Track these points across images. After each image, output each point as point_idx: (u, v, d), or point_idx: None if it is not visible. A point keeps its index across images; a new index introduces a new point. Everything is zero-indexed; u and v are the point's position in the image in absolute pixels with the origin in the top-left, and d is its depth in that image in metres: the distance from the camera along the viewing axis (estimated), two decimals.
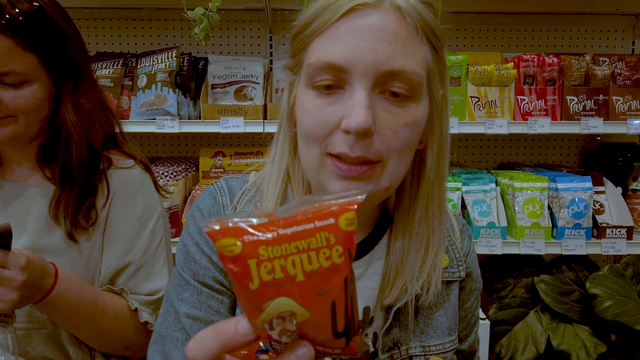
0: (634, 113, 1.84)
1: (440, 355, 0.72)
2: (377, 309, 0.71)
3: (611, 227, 1.77)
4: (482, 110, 1.82)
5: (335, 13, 0.58)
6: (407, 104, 0.60)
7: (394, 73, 0.57)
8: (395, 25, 0.58)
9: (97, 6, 2.09)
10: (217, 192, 0.75)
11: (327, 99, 0.60)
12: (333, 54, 0.58)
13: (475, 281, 0.80)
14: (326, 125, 0.59)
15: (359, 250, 0.71)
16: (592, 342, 1.63)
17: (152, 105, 1.77)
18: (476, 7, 2.08)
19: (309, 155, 0.63)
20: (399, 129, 0.59)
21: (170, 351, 0.69)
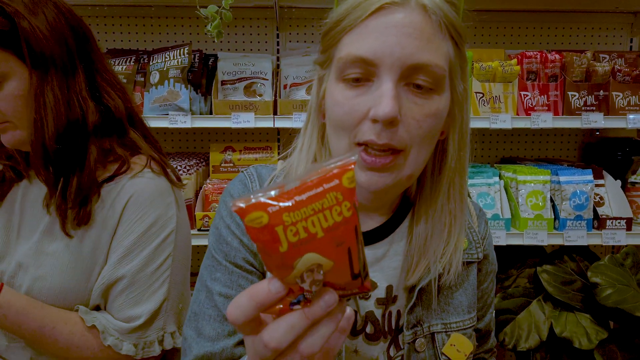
0: (632, 108, 1.89)
1: (460, 331, 0.77)
2: (401, 288, 0.76)
3: (611, 219, 1.83)
4: (487, 105, 1.87)
5: (365, 11, 0.63)
6: (431, 95, 0.65)
7: (418, 66, 0.62)
8: (421, 22, 0.63)
9: (108, 4, 2.12)
10: (247, 179, 0.79)
11: (356, 90, 0.64)
12: (363, 48, 0.62)
13: (491, 263, 0.85)
14: (355, 115, 0.64)
15: (381, 232, 0.76)
16: (593, 329, 1.69)
17: (164, 101, 1.80)
18: (481, 4, 2.13)
19: (339, 145, 0.67)
20: (422, 119, 0.64)
21: (203, 327, 0.73)
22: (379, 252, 0.76)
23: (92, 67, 0.95)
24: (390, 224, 0.76)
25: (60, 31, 0.89)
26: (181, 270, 0.97)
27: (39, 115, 0.87)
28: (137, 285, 0.91)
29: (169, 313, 0.94)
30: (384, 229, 0.76)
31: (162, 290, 0.93)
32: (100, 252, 0.92)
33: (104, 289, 0.91)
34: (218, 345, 0.72)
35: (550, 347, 1.76)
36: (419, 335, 0.75)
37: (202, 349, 0.72)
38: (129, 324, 0.89)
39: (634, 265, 1.82)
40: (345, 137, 0.66)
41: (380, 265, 0.75)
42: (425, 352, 0.76)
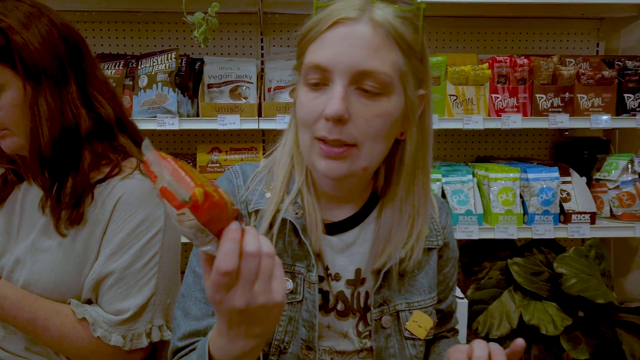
0: (596, 109, 2.02)
1: (422, 309, 0.87)
2: (369, 272, 0.85)
3: (576, 213, 1.95)
4: (460, 107, 1.98)
5: (324, 24, 0.73)
6: (379, 98, 0.73)
7: (365, 73, 0.71)
8: (370, 34, 0.71)
9: (97, 9, 2.19)
10: (232, 175, 0.88)
11: (316, 93, 0.74)
12: (320, 57, 0.72)
13: (452, 250, 0.95)
14: (313, 114, 0.74)
15: (352, 221, 0.85)
16: (559, 317, 1.80)
17: (153, 104, 1.88)
18: (455, 11, 2.24)
19: (303, 139, 0.77)
20: (371, 119, 0.73)
21: (189, 307, 0.82)
22: (349, 239, 0.85)
23: (84, 76, 1.00)
24: (360, 215, 0.86)
25: (52, 44, 0.94)
26: (169, 267, 1.01)
27: (34, 123, 0.93)
28: (125, 281, 0.95)
29: (157, 307, 0.98)
30: (354, 219, 0.85)
31: (149, 285, 0.97)
32: (92, 249, 0.97)
33: (94, 284, 0.95)
34: (202, 323, 0.80)
35: (520, 334, 1.87)
36: (385, 313, 0.85)
37: (189, 327, 0.81)
38: (117, 317, 0.94)
39: (597, 256, 1.94)
40: (308, 133, 0.75)
41: (351, 250, 0.85)
42: (391, 328, 0.85)
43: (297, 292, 0.82)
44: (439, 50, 2.36)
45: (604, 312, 1.86)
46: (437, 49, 2.36)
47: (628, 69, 2.05)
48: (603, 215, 2.05)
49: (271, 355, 0.82)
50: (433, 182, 1.96)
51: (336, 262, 0.84)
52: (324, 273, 0.84)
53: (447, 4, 1.95)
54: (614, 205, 2.01)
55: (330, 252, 0.84)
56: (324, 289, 0.84)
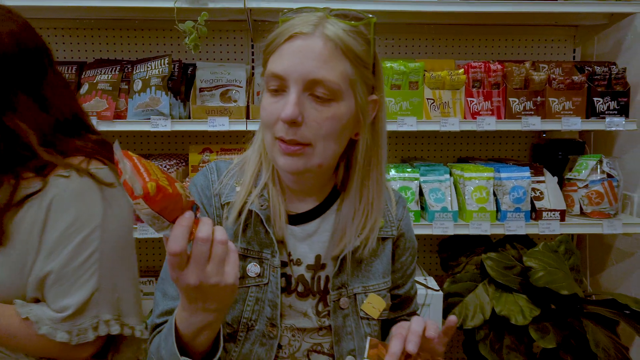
0: (567, 112, 2.13)
1: (376, 292, 0.98)
2: (329, 258, 0.96)
3: (547, 211, 2.06)
4: (437, 110, 2.09)
5: (282, 38, 0.84)
6: (329, 103, 0.83)
7: (316, 81, 0.82)
8: (320, 47, 0.82)
9: (95, 17, 2.31)
10: (207, 171, 1.00)
11: (275, 98, 0.85)
12: (278, 67, 0.83)
13: (409, 241, 1.05)
14: (272, 117, 0.84)
15: (313, 213, 0.96)
16: (527, 308, 1.91)
17: (147, 107, 2.00)
18: (433, 19, 2.36)
19: (266, 138, 0.88)
20: (322, 121, 0.83)
21: (167, 289, 0.93)
22: (311, 229, 0.96)
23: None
24: (321, 208, 0.97)
25: None
26: (113, 263, 1.01)
27: None
28: (65, 279, 0.96)
29: (102, 302, 1.00)
30: (315, 211, 0.96)
31: (91, 282, 0.98)
32: (32, 249, 0.98)
33: (37, 283, 0.97)
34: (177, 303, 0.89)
35: (492, 325, 1.97)
36: (343, 295, 0.96)
37: (166, 306, 0.92)
38: (60, 314, 0.96)
39: (567, 252, 2.05)
40: (269, 133, 0.86)
41: (312, 239, 0.96)
42: (348, 309, 0.96)
43: (263, 276, 0.93)
44: (418, 56, 2.48)
45: (572, 304, 1.97)
46: (416, 55, 2.48)
47: (597, 74, 2.16)
48: (574, 213, 2.16)
49: (240, 332, 0.93)
50: (411, 181, 2.07)
51: (298, 249, 0.95)
52: (287, 259, 0.95)
53: (426, 12, 2.06)
54: (584, 203, 2.12)
55: (293, 240, 0.95)
56: (287, 273, 0.95)
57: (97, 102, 2.00)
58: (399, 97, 2.06)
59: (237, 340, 0.93)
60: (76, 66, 2.14)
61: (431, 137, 2.55)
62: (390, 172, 2.12)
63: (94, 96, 2.01)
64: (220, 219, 0.95)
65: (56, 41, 2.37)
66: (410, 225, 1.08)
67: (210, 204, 0.96)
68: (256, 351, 0.93)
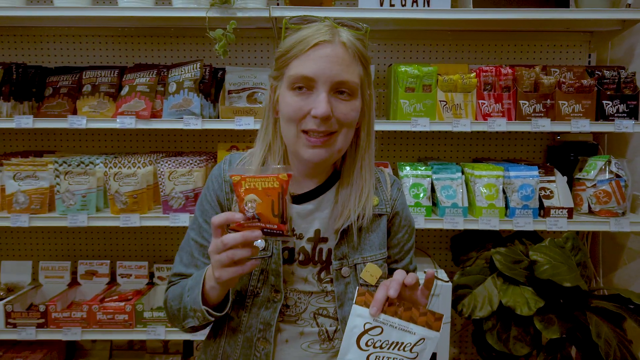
0: (576, 114, 2.21)
1: (373, 262, 1.12)
2: (330, 232, 1.10)
3: (554, 208, 2.15)
4: (449, 112, 2.21)
5: (307, 45, 0.99)
6: (350, 99, 1.02)
7: (341, 82, 0.99)
8: (342, 53, 0.99)
9: (135, 26, 2.53)
10: (222, 162, 1.18)
11: (302, 96, 1.00)
12: (306, 70, 0.98)
13: (403, 219, 1.19)
14: (300, 112, 1.00)
15: (316, 191, 1.11)
16: (533, 299, 2.00)
17: (180, 107, 2.19)
18: (447, 25, 2.48)
19: (289, 132, 1.03)
20: (347, 112, 1.01)
21: (182, 257, 1.15)
22: (312, 206, 1.11)
23: None
24: (324, 187, 1.12)
25: None
26: None
27: None
28: None
29: None
30: (319, 190, 1.12)
31: None
32: None
33: None
34: (188, 270, 1.13)
35: (500, 316, 2.07)
36: (344, 265, 1.10)
37: (179, 269, 1.15)
38: None
39: (574, 248, 2.13)
40: (293, 127, 1.02)
41: (313, 215, 1.11)
42: (349, 277, 1.11)
43: (267, 250, 1.09)
44: (432, 61, 2.60)
45: (577, 298, 2.05)
46: (432, 60, 2.60)
47: (606, 78, 2.23)
48: (582, 212, 2.24)
49: (247, 298, 1.10)
50: (423, 178, 2.20)
51: (301, 225, 1.11)
52: (291, 234, 1.10)
53: (441, 20, 2.18)
54: (592, 202, 2.20)
55: (296, 217, 1.11)
56: (290, 247, 1.10)
57: (136, 103, 2.20)
58: (413, 99, 2.19)
59: (245, 306, 1.10)
60: (118, 70, 2.35)
61: (447, 138, 2.66)
62: (404, 169, 2.25)
63: (133, 97, 2.22)
64: (230, 202, 1.12)
65: (100, 47, 2.60)
66: (405, 205, 1.22)
67: (221, 189, 1.13)
68: (262, 314, 1.09)
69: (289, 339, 1.10)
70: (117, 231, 2.70)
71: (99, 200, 2.22)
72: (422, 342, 0.93)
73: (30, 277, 2.47)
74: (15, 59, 2.61)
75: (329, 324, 1.11)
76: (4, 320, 2.18)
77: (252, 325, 1.09)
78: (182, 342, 2.57)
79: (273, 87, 1.08)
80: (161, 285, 2.46)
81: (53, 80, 2.36)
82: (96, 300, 2.24)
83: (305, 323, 1.10)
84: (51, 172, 2.16)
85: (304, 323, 1.10)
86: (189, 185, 2.16)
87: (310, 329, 1.10)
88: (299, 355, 1.09)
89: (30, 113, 2.35)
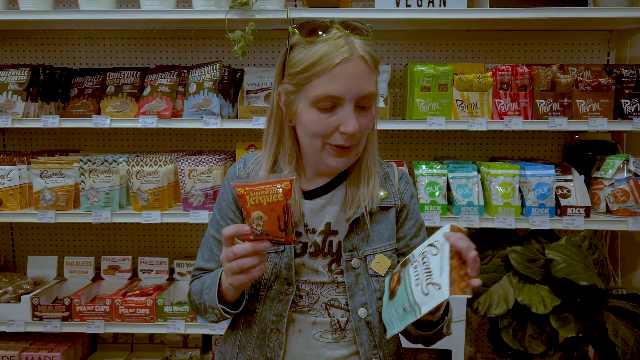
0: (594, 113, 2.21)
1: (382, 253, 1.15)
2: (341, 224, 1.14)
3: (571, 207, 2.15)
4: (465, 111, 2.22)
5: (329, 65, 1.00)
6: (370, 108, 1.07)
7: (365, 96, 1.03)
8: (363, 67, 1.03)
9: (156, 28, 2.59)
10: (237, 162, 1.23)
11: (328, 114, 1.03)
12: (334, 89, 1.01)
13: (411, 212, 1.21)
14: (328, 129, 1.04)
15: (327, 187, 1.15)
16: (549, 298, 2.00)
17: (200, 107, 2.24)
18: (463, 25, 2.49)
19: (314, 144, 1.07)
20: (367, 124, 1.06)
21: (203, 252, 1.21)
22: (323, 201, 1.15)
23: None
24: (335, 182, 1.16)
25: None
26: None
27: None
28: None
29: None
30: (330, 185, 1.16)
31: None
32: None
33: None
34: (208, 265, 1.19)
35: (515, 314, 2.08)
36: (354, 257, 1.14)
37: (200, 264, 1.22)
38: None
39: (591, 247, 2.13)
40: (319, 141, 1.06)
41: (325, 210, 1.15)
42: (360, 268, 1.14)
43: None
44: (448, 61, 2.62)
45: (594, 297, 2.05)
46: (449, 59, 2.62)
47: (624, 77, 2.22)
48: (600, 211, 2.23)
49: (261, 291, 1.14)
50: (439, 177, 2.22)
51: (313, 220, 1.15)
52: (304, 229, 1.15)
53: (459, 20, 2.19)
54: (610, 201, 2.19)
55: (309, 213, 1.15)
56: (302, 241, 1.14)
57: (157, 103, 2.27)
58: (429, 98, 2.21)
59: (259, 299, 1.14)
60: (140, 71, 2.42)
61: (463, 137, 2.67)
62: (420, 168, 2.27)
63: (155, 97, 2.28)
64: None
65: (123, 49, 2.67)
66: (414, 200, 1.25)
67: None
68: (275, 306, 1.13)
69: (301, 329, 1.14)
70: (138, 228, 2.77)
71: (121, 197, 2.29)
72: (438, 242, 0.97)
73: (55, 271, 2.55)
74: (42, 60, 2.70)
75: (341, 315, 1.14)
76: (30, 313, 2.26)
77: (266, 317, 1.13)
78: (201, 337, 2.63)
79: (285, 95, 1.09)
80: (181, 280, 2.52)
81: (78, 81, 2.44)
82: (118, 295, 2.30)
83: (317, 313, 1.14)
84: (76, 170, 2.24)
85: (316, 313, 1.14)
86: (208, 183, 2.21)
87: (322, 319, 1.14)
88: (311, 344, 1.13)
89: (56, 113, 2.43)
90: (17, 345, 2.42)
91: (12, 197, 2.28)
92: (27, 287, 2.36)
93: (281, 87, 1.09)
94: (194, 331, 2.30)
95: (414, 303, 0.94)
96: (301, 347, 1.13)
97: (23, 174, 2.30)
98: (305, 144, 1.09)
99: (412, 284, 0.96)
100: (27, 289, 2.35)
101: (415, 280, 0.96)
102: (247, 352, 1.15)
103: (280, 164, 1.15)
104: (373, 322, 1.13)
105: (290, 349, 1.13)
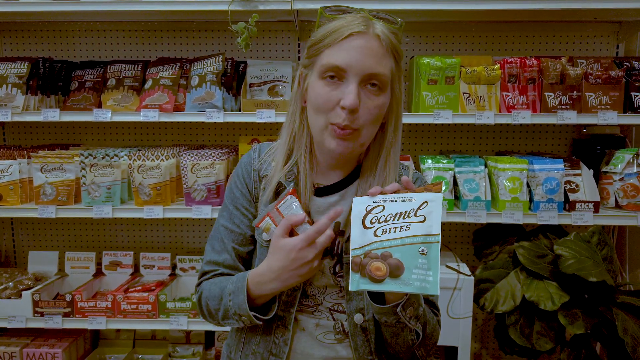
0: (604, 106, 2.17)
1: None
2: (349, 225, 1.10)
3: (580, 202, 2.11)
4: (473, 104, 2.18)
5: (341, 35, 0.98)
6: (379, 94, 1.00)
7: (372, 75, 0.98)
8: (376, 46, 0.98)
9: (158, 20, 2.55)
10: (252, 151, 1.19)
11: (332, 86, 0.99)
12: (339, 59, 0.98)
13: None
14: (329, 103, 0.99)
15: (339, 185, 1.11)
16: (557, 294, 1.97)
17: (202, 100, 2.20)
18: (471, 16, 2.44)
19: (317, 122, 1.03)
20: (372, 109, 1.00)
21: (213, 244, 1.15)
22: (333, 199, 1.11)
23: None
24: (347, 180, 1.12)
25: None
26: None
27: None
28: None
29: None
30: (342, 183, 1.12)
31: None
32: None
33: None
34: (221, 257, 1.13)
35: (523, 311, 2.05)
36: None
37: (211, 257, 1.15)
38: None
39: (600, 242, 2.09)
40: (322, 117, 1.01)
41: (336, 207, 1.10)
42: None
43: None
44: (455, 53, 2.57)
45: (603, 293, 2.01)
46: (455, 52, 2.57)
47: (635, 69, 2.18)
48: (609, 205, 2.19)
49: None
50: (445, 171, 2.18)
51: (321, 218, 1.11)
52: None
53: (468, 11, 2.14)
54: (619, 196, 2.15)
55: (317, 211, 1.11)
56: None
57: (159, 96, 2.23)
58: (436, 91, 2.17)
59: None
60: (141, 64, 2.38)
61: (470, 131, 2.63)
62: (426, 162, 2.23)
63: (157, 91, 2.24)
64: (258, 190, 1.13)
65: (124, 42, 2.63)
66: None
67: (250, 177, 1.15)
68: (283, 300, 1.10)
69: (305, 328, 1.11)
70: (140, 223, 2.74)
71: (123, 192, 2.26)
72: (425, 205, 0.91)
73: (56, 267, 2.52)
74: (42, 53, 2.66)
75: (344, 319, 1.11)
76: (31, 309, 2.23)
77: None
78: (204, 333, 2.60)
79: (303, 75, 1.08)
80: (184, 276, 2.49)
81: (78, 74, 2.40)
82: (120, 291, 2.28)
83: (322, 315, 1.11)
84: (77, 165, 2.21)
85: (320, 315, 1.11)
86: (211, 177, 2.18)
87: (327, 322, 1.11)
88: (315, 343, 1.11)
89: (56, 107, 2.40)
90: (19, 341, 2.40)
91: (13, 191, 2.25)
92: (28, 282, 2.33)
93: (301, 63, 1.07)
94: (197, 327, 2.28)
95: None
96: (305, 346, 1.11)
97: (23, 169, 2.27)
98: (311, 124, 1.05)
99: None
100: (28, 284, 2.32)
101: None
102: (252, 346, 1.12)
103: (295, 154, 1.11)
104: (369, 328, 1.10)
105: (295, 346, 1.11)
